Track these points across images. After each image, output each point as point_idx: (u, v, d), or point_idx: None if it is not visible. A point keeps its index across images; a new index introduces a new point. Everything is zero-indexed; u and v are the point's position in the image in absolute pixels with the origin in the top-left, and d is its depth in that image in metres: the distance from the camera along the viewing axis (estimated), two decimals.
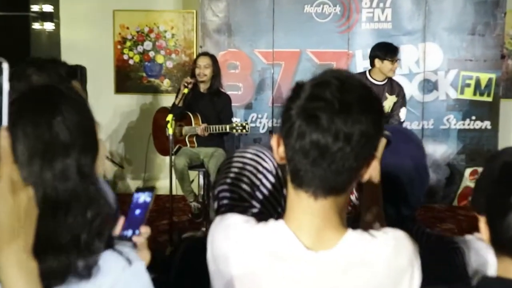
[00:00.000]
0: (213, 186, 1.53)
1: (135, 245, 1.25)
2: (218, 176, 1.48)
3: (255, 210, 1.36)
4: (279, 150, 1.06)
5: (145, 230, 1.24)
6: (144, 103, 6.26)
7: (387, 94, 4.47)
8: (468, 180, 5.65)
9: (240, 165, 1.45)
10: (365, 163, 1.03)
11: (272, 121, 5.66)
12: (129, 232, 1.24)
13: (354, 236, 1.05)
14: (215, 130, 4.36)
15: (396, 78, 4.73)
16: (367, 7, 5.50)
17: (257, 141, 5.51)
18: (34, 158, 0.88)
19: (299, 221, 1.05)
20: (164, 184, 4.88)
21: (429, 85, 5.57)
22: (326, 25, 5.51)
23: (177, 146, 4.59)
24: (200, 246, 1.55)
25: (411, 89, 5.54)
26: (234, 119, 4.85)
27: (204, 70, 4.48)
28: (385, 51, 4.36)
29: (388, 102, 4.47)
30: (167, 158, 4.46)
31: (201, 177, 4.72)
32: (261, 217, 1.34)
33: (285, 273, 1.05)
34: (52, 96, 0.96)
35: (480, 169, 5.09)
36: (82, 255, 0.89)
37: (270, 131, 5.65)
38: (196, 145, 4.55)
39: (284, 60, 5.59)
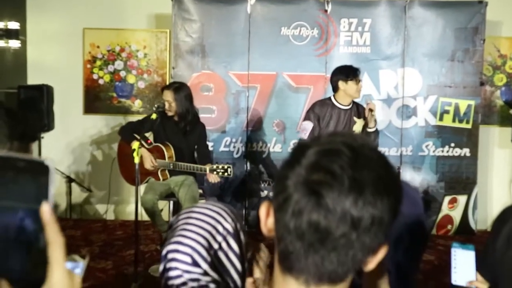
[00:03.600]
0: (161, 244, 1.33)
1: None
2: (169, 233, 1.26)
3: (208, 279, 1.17)
4: (268, 221, 0.86)
5: None
6: (114, 124, 6.01)
7: (355, 118, 4.32)
8: (447, 209, 5.52)
9: (197, 222, 1.24)
10: (372, 253, 0.84)
11: (246, 146, 5.45)
12: None
13: None
14: (194, 170, 4.05)
15: (375, 102, 4.58)
16: (345, 31, 5.37)
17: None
18: None
19: None
20: (133, 208, 4.62)
21: (407, 111, 5.45)
22: (304, 48, 5.36)
23: (147, 178, 4.31)
24: None
25: (389, 115, 5.41)
26: (210, 145, 4.61)
27: (169, 105, 4.13)
28: (347, 72, 4.21)
29: (358, 126, 4.33)
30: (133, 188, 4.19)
31: (171, 207, 4.44)
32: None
33: None
34: None
35: (459, 197, 4.98)
36: None
37: (244, 156, 5.45)
38: (168, 177, 4.26)
39: (260, 82, 5.41)
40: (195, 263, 1.18)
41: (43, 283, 0.66)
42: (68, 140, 6.02)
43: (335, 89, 4.27)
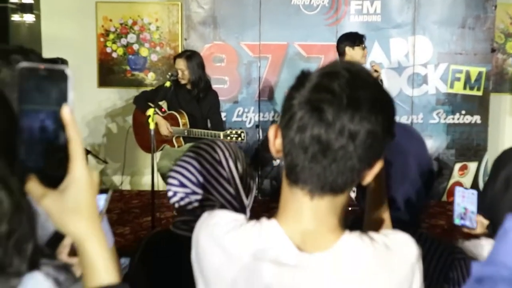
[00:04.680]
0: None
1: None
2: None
3: (197, 197, 1.46)
4: (276, 142, 0.96)
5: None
6: (128, 97, 6.10)
7: None
8: (457, 175, 5.58)
9: (188, 154, 1.53)
10: (368, 165, 0.93)
11: (259, 115, 5.53)
12: None
13: (351, 238, 0.95)
14: (208, 136, 4.11)
15: (385, 71, 4.63)
16: None
17: None
18: None
19: (293, 221, 0.96)
20: (148, 179, 4.73)
21: (418, 79, 5.48)
22: (314, 17, 5.39)
23: (162, 145, 4.42)
24: (163, 240, 1.49)
25: (400, 83, 5.45)
26: (222, 115, 4.71)
27: (181, 73, 4.21)
28: (353, 38, 4.33)
29: None
30: (150, 156, 4.29)
31: None
32: (206, 204, 1.46)
33: (277, 278, 0.94)
34: None
35: (469, 164, 5.03)
36: None
37: (257, 126, 5.54)
38: (183, 144, 4.36)
39: (271, 53, 5.46)
40: (182, 184, 1.47)
41: (65, 178, 0.75)
42: (83, 113, 6.12)
43: (342, 55, 4.34)
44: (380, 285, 0.94)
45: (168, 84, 3.99)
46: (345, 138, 0.87)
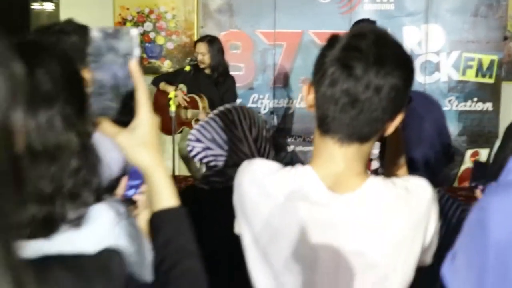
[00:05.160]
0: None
1: (135, 204, 1.28)
2: None
3: (211, 152, 1.61)
4: (308, 97, 1.09)
5: (145, 189, 1.26)
6: (145, 84, 6.21)
7: None
8: (469, 162, 5.66)
9: (210, 115, 1.70)
10: (391, 116, 1.05)
11: (274, 102, 5.64)
12: (131, 192, 1.28)
13: (376, 181, 1.08)
14: None
15: None
16: None
17: None
18: None
19: (324, 166, 1.08)
20: (168, 164, 4.86)
21: (430, 67, 5.56)
22: (328, 5, 5.48)
23: (182, 128, 4.54)
24: (186, 194, 1.65)
25: None
26: (238, 101, 4.82)
27: (202, 57, 4.36)
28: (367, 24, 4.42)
29: None
30: (169, 139, 4.43)
31: None
32: (220, 160, 1.61)
33: (310, 214, 1.06)
34: (35, 49, 0.95)
35: (481, 151, 5.10)
36: (69, 204, 0.89)
37: (271, 112, 5.65)
38: None
39: (286, 40, 5.56)
40: (198, 140, 1.63)
41: (132, 120, 0.88)
42: None
43: None
44: (401, 221, 1.06)
45: (188, 68, 4.12)
46: (371, 91, 1.00)
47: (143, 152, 0.88)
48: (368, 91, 1.00)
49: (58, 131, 0.90)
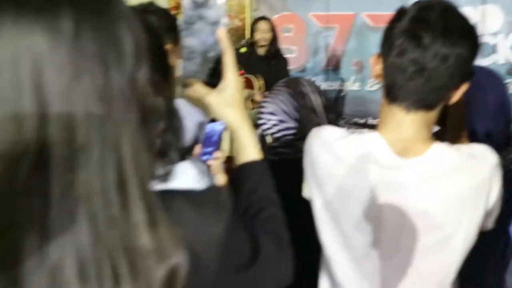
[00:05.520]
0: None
1: (209, 168, 1.36)
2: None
3: (286, 125, 1.63)
4: (376, 68, 1.15)
5: (219, 155, 1.34)
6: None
7: None
8: None
9: (279, 88, 1.72)
10: (456, 85, 1.10)
11: (326, 84, 5.66)
12: (204, 158, 1.35)
13: (441, 146, 1.12)
14: None
15: None
16: None
17: None
18: None
19: (391, 132, 1.13)
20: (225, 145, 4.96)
21: (487, 49, 5.44)
22: None
23: None
24: None
25: None
26: None
27: (264, 34, 4.51)
28: None
29: None
30: None
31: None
32: (294, 132, 1.64)
33: (379, 177, 1.12)
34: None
35: None
36: (157, 162, 0.97)
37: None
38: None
39: (339, 23, 5.55)
40: (272, 113, 1.66)
41: (220, 83, 0.95)
42: None
43: None
44: (465, 184, 1.10)
45: (243, 49, 4.22)
46: (438, 60, 1.04)
47: (230, 110, 0.96)
48: (435, 60, 1.04)
49: (150, 95, 0.99)
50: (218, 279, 0.73)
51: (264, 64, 4.49)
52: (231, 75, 0.95)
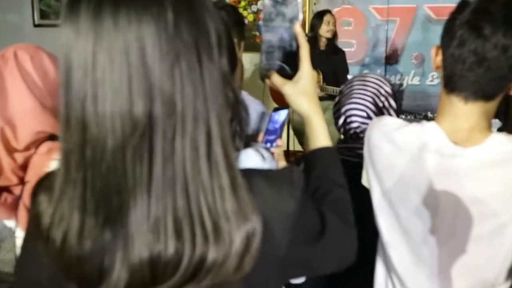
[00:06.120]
0: (335, 105, 1.72)
1: (272, 155, 1.44)
2: (342, 97, 1.67)
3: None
4: (436, 59, 1.19)
5: (281, 143, 1.41)
6: (257, 61, 6.41)
7: None
8: None
9: (364, 87, 1.66)
10: None
11: None
12: (267, 145, 1.42)
13: (499, 136, 1.15)
14: (334, 92, 4.38)
15: None
16: None
17: None
18: None
19: (449, 122, 1.17)
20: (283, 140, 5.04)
21: None
22: None
23: None
24: None
25: None
26: (349, 77, 4.89)
27: (332, 28, 4.58)
28: None
29: None
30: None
31: None
32: None
33: (437, 165, 1.16)
34: None
35: None
36: None
37: None
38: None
39: (399, 16, 5.51)
40: (369, 117, 1.58)
41: (295, 74, 1.02)
42: None
43: None
44: None
45: None
46: (499, 51, 1.07)
47: (304, 100, 1.03)
48: (495, 51, 1.07)
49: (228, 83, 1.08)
50: (288, 251, 0.81)
51: (323, 58, 4.53)
52: (307, 67, 1.02)
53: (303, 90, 1.02)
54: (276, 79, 1.03)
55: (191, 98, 0.64)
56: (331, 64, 4.52)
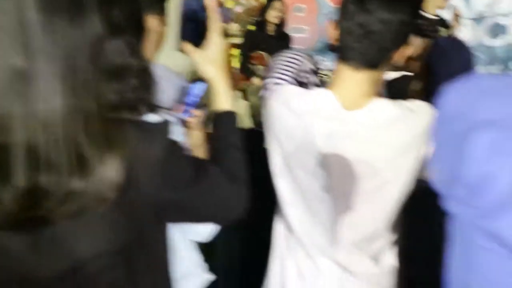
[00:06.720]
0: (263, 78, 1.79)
1: (189, 124, 1.51)
2: (268, 71, 1.75)
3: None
4: (334, 32, 1.28)
5: (197, 113, 1.49)
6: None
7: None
8: None
9: (288, 63, 1.69)
10: (398, 47, 1.23)
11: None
12: (186, 115, 1.50)
13: (381, 101, 1.25)
14: None
15: (465, 21, 4.67)
16: None
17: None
18: None
19: (341, 89, 1.28)
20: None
21: (499, 29, 5.45)
22: None
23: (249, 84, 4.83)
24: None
25: (478, 34, 5.45)
26: None
27: (279, 14, 4.73)
28: None
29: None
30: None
31: None
32: None
33: (325, 127, 1.26)
34: None
35: None
36: (129, 112, 1.13)
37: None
38: None
39: None
40: (280, 78, 1.65)
41: (202, 43, 1.11)
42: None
43: None
44: (402, 135, 1.23)
45: (253, 27, 4.43)
46: (383, 25, 1.17)
47: (210, 67, 1.13)
48: (380, 24, 1.18)
49: (125, 55, 1.14)
50: (157, 193, 0.91)
51: (272, 42, 4.65)
52: (214, 37, 1.11)
53: (210, 57, 1.12)
54: (187, 48, 1.12)
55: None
56: (278, 48, 4.61)
